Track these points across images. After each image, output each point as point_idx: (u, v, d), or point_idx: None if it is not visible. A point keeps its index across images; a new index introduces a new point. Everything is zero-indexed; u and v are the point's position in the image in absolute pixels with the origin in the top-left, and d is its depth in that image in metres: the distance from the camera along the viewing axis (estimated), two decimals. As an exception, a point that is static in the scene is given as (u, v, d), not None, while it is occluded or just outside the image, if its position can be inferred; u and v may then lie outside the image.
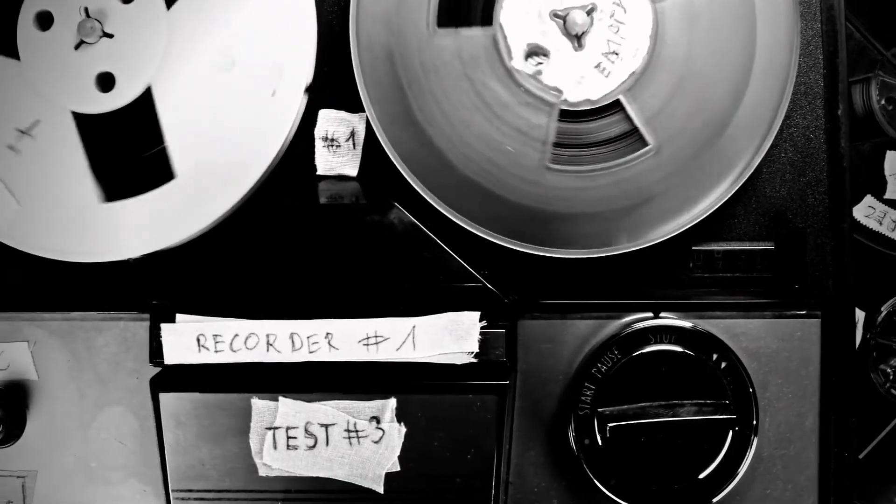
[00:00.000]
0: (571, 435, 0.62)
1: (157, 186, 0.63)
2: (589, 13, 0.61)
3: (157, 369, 0.62)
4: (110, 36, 0.63)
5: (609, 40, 0.62)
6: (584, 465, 0.62)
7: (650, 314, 0.64)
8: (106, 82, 0.63)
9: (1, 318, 0.65)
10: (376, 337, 0.59)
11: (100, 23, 0.62)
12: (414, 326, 0.59)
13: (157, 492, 0.65)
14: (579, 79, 0.62)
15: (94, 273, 0.65)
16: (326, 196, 0.64)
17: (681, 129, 0.62)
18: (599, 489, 0.62)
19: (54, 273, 0.65)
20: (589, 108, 0.62)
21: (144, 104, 0.63)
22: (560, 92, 0.62)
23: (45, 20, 0.63)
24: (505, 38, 0.62)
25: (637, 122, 0.62)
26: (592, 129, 0.63)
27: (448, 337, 0.59)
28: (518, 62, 0.62)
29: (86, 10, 0.63)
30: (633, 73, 0.62)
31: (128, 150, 0.64)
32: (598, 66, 0.62)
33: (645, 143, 0.62)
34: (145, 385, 0.64)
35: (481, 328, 0.59)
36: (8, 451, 0.65)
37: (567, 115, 0.62)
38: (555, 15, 0.62)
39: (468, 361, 0.59)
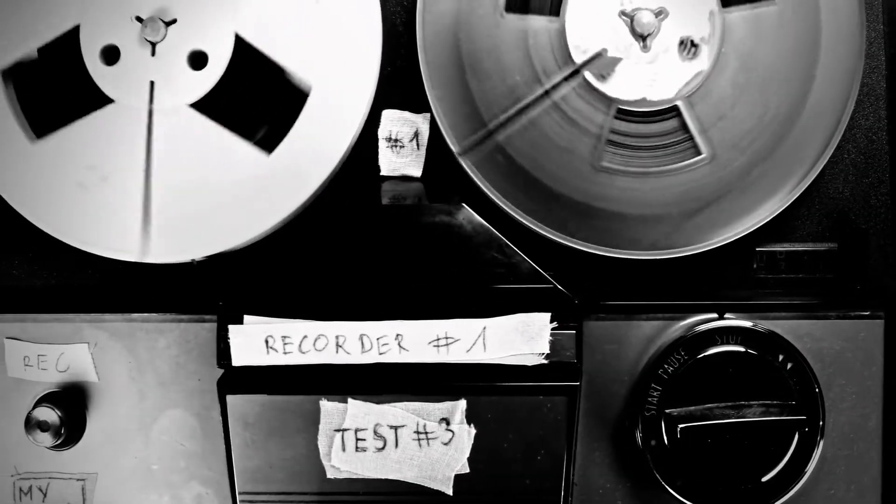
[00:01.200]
0: (638, 436, 0.62)
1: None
2: (657, 15, 0.61)
3: (222, 371, 0.61)
4: (174, 22, 0.62)
5: (675, 45, 0.62)
6: (651, 466, 0.62)
7: (714, 315, 0.64)
8: (198, 61, 0.62)
9: (61, 320, 0.64)
10: (447, 338, 0.59)
11: (159, 18, 0.62)
12: (484, 328, 0.59)
13: (219, 494, 0.64)
14: (641, 80, 0.62)
15: (155, 274, 0.65)
16: (389, 197, 0.64)
17: (739, 137, 0.62)
18: (664, 490, 0.62)
19: (115, 274, 0.65)
20: (647, 110, 0.62)
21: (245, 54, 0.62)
22: (621, 91, 0.62)
23: (109, 54, 0.62)
24: (573, 30, 0.62)
25: (693, 129, 0.62)
26: (647, 131, 0.63)
27: (519, 338, 0.59)
28: (582, 56, 0.62)
29: (138, 17, 0.62)
30: (695, 79, 0.62)
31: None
32: (661, 69, 0.62)
33: (699, 152, 0.62)
34: (207, 387, 0.64)
35: (552, 329, 0.59)
36: (68, 453, 0.64)
37: (624, 115, 0.62)
38: (623, 14, 0.62)
39: (539, 363, 0.59)
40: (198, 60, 0.62)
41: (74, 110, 0.63)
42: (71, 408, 0.63)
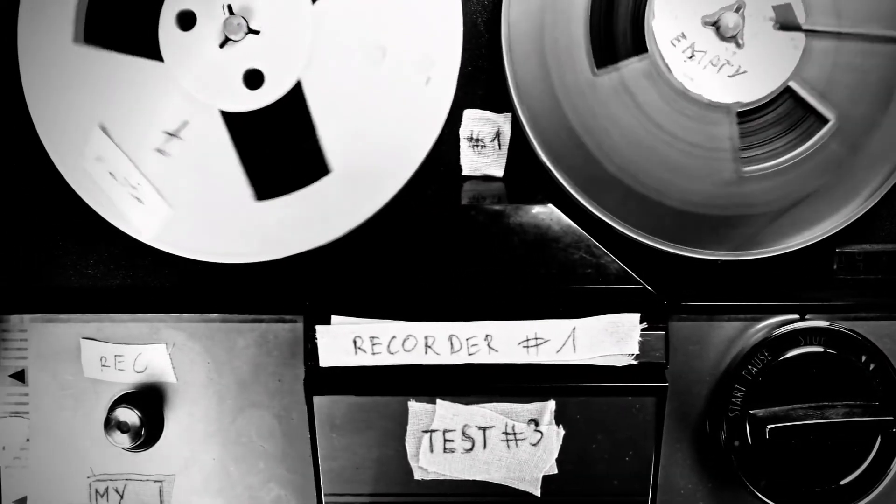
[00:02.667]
0: (722, 436, 0.62)
1: (309, 184, 0.62)
2: (738, 10, 0.61)
3: (304, 372, 0.61)
4: (256, 32, 0.62)
5: (763, 28, 0.61)
6: (735, 467, 0.62)
7: (796, 316, 0.64)
8: (254, 79, 0.62)
9: (139, 321, 0.64)
10: (536, 339, 0.59)
11: (245, 20, 0.61)
12: (574, 328, 0.59)
13: (298, 496, 0.64)
14: (747, 76, 0.61)
15: (234, 274, 0.64)
16: (469, 196, 0.63)
17: (854, 87, 0.61)
18: (746, 491, 0.62)
19: (192, 275, 0.64)
20: (764, 102, 0.62)
21: (293, 100, 0.62)
22: (733, 95, 0.61)
23: (186, 20, 0.62)
24: (663, 58, 0.61)
25: (812, 102, 0.61)
26: (771, 122, 0.62)
27: (608, 339, 0.59)
28: (682, 72, 0.61)
29: (229, 7, 0.62)
30: (797, 49, 0.61)
31: (278, 147, 0.63)
32: (759, 59, 0.61)
33: (825, 120, 0.61)
34: (287, 388, 0.64)
35: (641, 330, 0.59)
36: (145, 454, 0.64)
37: (744, 116, 0.62)
38: (706, 23, 0.61)
39: (628, 363, 0.59)
40: (253, 79, 0.62)
41: (126, 43, 0.63)
42: (149, 409, 0.63)
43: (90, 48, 0.62)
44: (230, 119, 0.62)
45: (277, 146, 0.62)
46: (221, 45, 0.62)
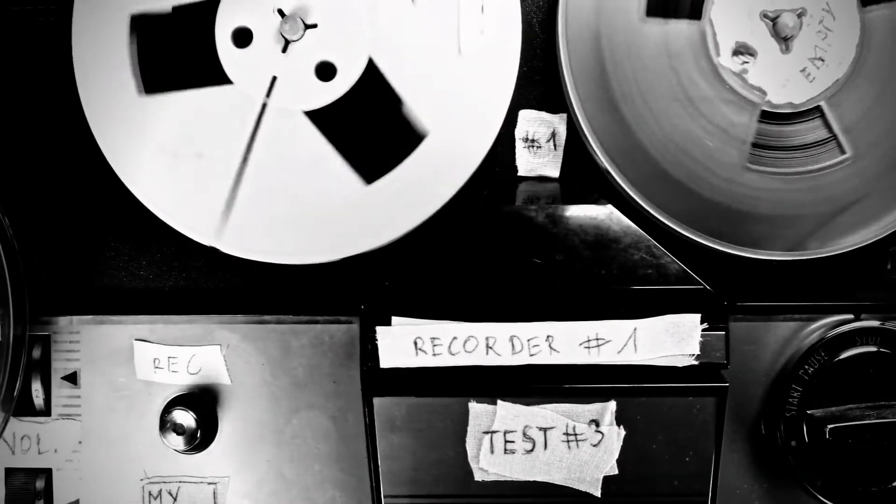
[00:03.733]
0: (779, 436, 0.62)
1: (410, 154, 0.62)
2: (799, 16, 0.62)
3: (360, 373, 0.61)
4: (314, 26, 0.61)
5: (816, 45, 0.62)
6: (793, 466, 0.62)
7: (850, 316, 0.64)
8: (326, 71, 0.62)
9: (193, 322, 0.63)
10: (598, 339, 0.59)
11: (300, 18, 0.61)
12: (635, 329, 0.59)
13: (353, 497, 0.64)
14: (783, 82, 0.62)
15: (288, 275, 0.64)
16: (524, 197, 0.63)
17: (881, 138, 0.62)
18: (802, 490, 0.62)
19: (247, 276, 0.64)
20: (790, 111, 0.63)
21: (371, 80, 0.62)
22: (764, 93, 0.62)
23: (242, 37, 0.62)
24: (714, 33, 0.62)
25: (836, 129, 0.62)
26: (791, 133, 0.63)
27: (669, 339, 0.59)
28: (725, 59, 0.62)
29: (280, 10, 0.61)
30: (837, 80, 0.62)
31: (369, 127, 0.62)
32: (803, 70, 0.62)
33: (843, 152, 0.62)
34: (343, 389, 0.63)
35: (702, 330, 0.59)
36: (199, 456, 0.64)
37: (767, 117, 0.63)
38: (765, 16, 0.62)
39: (689, 364, 0.59)
40: (326, 71, 0.62)
41: (189, 79, 0.62)
42: (204, 411, 0.63)
43: (156, 96, 0.62)
44: (315, 116, 0.61)
45: (369, 126, 0.61)
46: (284, 50, 0.62)
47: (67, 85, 0.62)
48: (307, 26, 0.61)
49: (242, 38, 0.62)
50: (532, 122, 0.64)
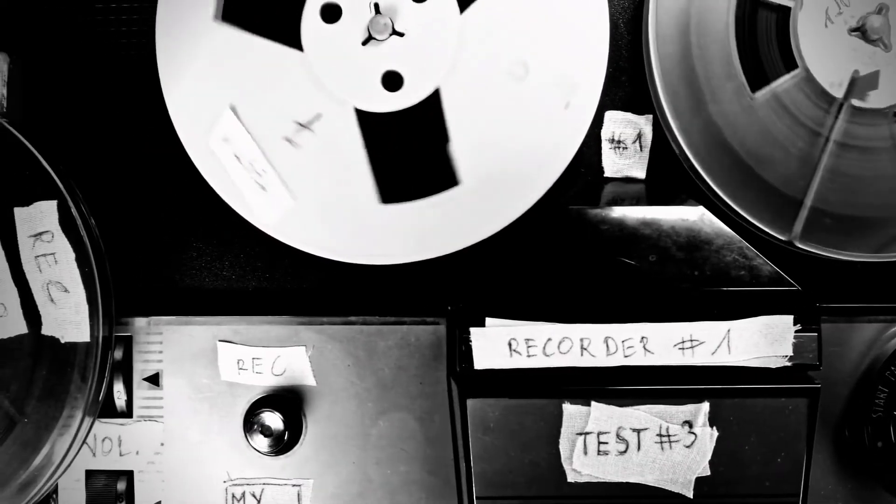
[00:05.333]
0: (865, 437, 0.62)
1: (438, 192, 0.62)
2: (880, 12, 0.62)
3: (447, 375, 0.61)
4: (401, 34, 0.61)
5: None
6: (879, 467, 0.62)
7: (934, 317, 0.64)
8: (393, 81, 0.62)
9: (278, 323, 0.63)
10: (692, 341, 0.59)
11: (391, 21, 0.61)
12: (728, 330, 0.59)
13: (439, 499, 0.64)
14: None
15: (373, 276, 0.64)
16: (609, 198, 0.63)
17: None
18: (887, 492, 0.63)
19: (331, 277, 0.64)
20: (870, 108, 0.62)
21: (429, 107, 0.62)
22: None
23: (331, 13, 0.62)
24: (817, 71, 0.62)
25: None
26: (875, 135, 0.63)
27: (762, 340, 0.59)
28: (835, 89, 0.62)
29: (376, 5, 0.61)
30: None
31: (409, 152, 0.62)
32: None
33: None
34: (429, 390, 0.63)
35: (795, 332, 0.59)
36: (283, 458, 0.63)
37: (856, 116, 0.62)
38: (852, 30, 0.62)
39: (782, 365, 0.59)
40: (392, 81, 0.62)
41: (265, 29, 0.62)
42: (290, 412, 0.62)
43: (230, 27, 0.62)
44: (364, 118, 0.61)
45: (408, 151, 0.62)
46: (364, 43, 0.61)
47: (152, 87, 0.62)
48: (395, 32, 0.61)
49: (332, 14, 0.62)
50: (618, 124, 0.64)
